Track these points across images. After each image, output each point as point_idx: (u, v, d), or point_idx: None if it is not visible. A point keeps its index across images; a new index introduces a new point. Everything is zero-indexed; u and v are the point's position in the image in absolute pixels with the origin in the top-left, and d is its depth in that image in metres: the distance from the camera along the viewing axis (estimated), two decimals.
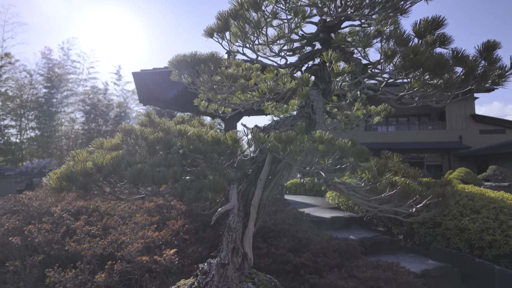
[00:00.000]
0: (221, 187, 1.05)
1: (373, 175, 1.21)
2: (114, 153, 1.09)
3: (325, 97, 1.67)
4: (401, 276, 2.57)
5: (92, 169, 1.05)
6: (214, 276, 1.80)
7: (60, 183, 1.02)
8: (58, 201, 4.27)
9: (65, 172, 1.04)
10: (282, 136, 1.18)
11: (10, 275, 2.81)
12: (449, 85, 1.12)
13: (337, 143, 1.11)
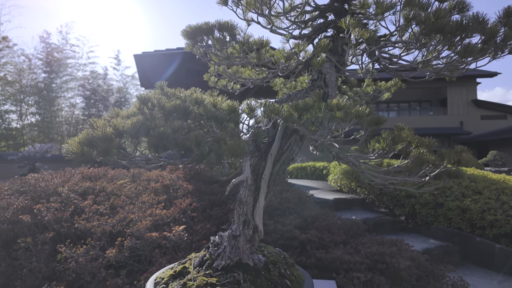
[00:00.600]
0: (241, 151, 1.06)
1: (388, 144, 1.22)
2: (134, 119, 1.10)
3: (337, 70, 1.66)
4: (406, 251, 2.62)
5: (113, 134, 1.06)
6: (226, 248, 1.84)
7: (82, 148, 1.03)
8: (64, 182, 4.31)
9: (85, 137, 1.05)
10: (299, 103, 1.18)
11: (22, 252, 2.87)
12: (469, 50, 1.11)
13: (354, 110, 1.12)
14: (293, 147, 1.82)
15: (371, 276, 2.27)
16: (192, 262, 1.98)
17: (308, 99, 1.22)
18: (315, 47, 1.41)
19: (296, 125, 1.25)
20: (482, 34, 1.15)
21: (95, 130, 1.07)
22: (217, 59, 1.57)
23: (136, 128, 1.05)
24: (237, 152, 1.04)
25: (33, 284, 2.61)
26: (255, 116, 1.35)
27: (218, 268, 1.80)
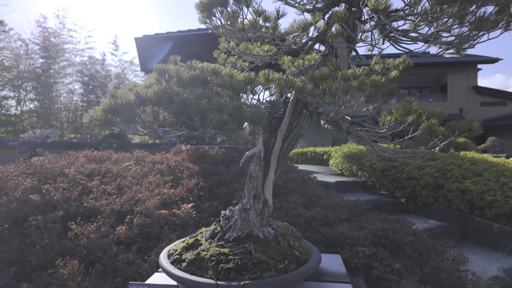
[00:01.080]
0: (261, 117, 1.08)
1: (401, 115, 1.26)
2: (155, 87, 1.12)
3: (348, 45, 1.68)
4: (408, 228, 2.70)
5: (136, 102, 1.08)
6: (237, 220, 1.90)
7: (106, 115, 1.06)
8: (70, 164, 4.35)
9: (109, 105, 1.07)
10: (316, 73, 1.21)
11: (33, 229, 2.93)
12: (484, 20, 1.13)
13: (370, 80, 1.15)
14: (303, 123, 1.86)
15: (375, 250, 2.34)
16: (203, 235, 2.04)
17: (324, 68, 1.24)
18: (331, 17, 1.42)
19: (310, 97, 1.27)
20: (496, 4, 1.16)
21: (116, 99, 1.10)
22: (229, 33, 1.58)
23: (158, 95, 1.08)
24: (258, 119, 1.07)
25: (46, 259, 2.69)
26: (270, 88, 1.38)
27: (229, 239, 1.86)
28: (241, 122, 1.06)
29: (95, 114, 1.07)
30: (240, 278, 1.61)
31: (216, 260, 1.70)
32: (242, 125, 1.07)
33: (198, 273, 1.67)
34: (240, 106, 1.08)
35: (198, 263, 1.72)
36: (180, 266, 1.74)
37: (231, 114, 1.07)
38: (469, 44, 1.37)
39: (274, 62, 2.09)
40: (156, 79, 1.30)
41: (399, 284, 2.10)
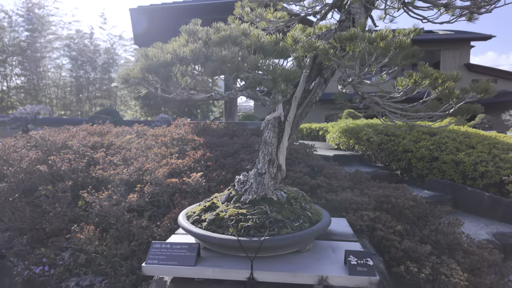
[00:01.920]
0: (295, 76, 1.13)
1: (421, 77, 1.32)
2: (191, 46, 1.15)
3: (366, 10, 1.71)
4: (408, 194, 2.84)
5: (174, 60, 1.11)
6: (252, 184, 1.99)
7: (143, 74, 1.09)
8: (71, 137, 4.35)
9: (146, 64, 1.10)
10: (343, 34, 1.25)
11: (44, 199, 2.99)
12: None
13: (396, 40, 1.19)
14: (317, 90, 1.91)
15: (379, 214, 2.48)
16: (218, 199, 2.13)
17: (352, 29, 1.27)
18: None
19: (334, 60, 1.32)
20: None
21: (152, 59, 1.12)
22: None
23: (195, 54, 1.11)
24: (292, 77, 1.12)
25: (60, 226, 2.76)
26: (296, 50, 1.41)
27: (245, 201, 1.96)
28: (275, 80, 1.10)
29: (132, 72, 1.10)
30: (259, 234, 1.71)
31: (236, 219, 1.80)
32: (276, 83, 1.11)
33: (219, 231, 1.77)
34: (275, 65, 1.12)
35: (218, 222, 1.81)
36: (201, 225, 1.84)
37: (266, 72, 1.11)
38: (485, 9, 1.42)
39: (287, 29, 2.10)
40: (185, 40, 1.32)
41: (401, 243, 2.25)
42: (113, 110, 19.32)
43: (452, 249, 2.41)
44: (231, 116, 8.23)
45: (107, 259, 2.51)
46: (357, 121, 6.98)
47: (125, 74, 1.14)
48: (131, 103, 25.30)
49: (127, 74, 1.11)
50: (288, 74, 1.11)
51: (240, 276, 1.66)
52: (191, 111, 26.76)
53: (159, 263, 1.72)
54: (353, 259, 1.66)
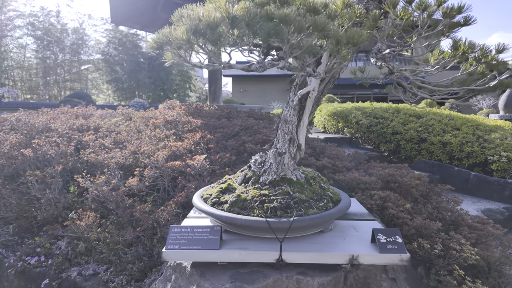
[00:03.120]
0: (361, 38, 1.04)
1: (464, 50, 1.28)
2: (242, 3, 1.01)
3: None
4: (412, 173, 2.89)
5: (225, 20, 0.98)
6: (271, 164, 1.91)
7: (188, 36, 0.96)
8: (52, 119, 4.05)
9: (191, 24, 0.96)
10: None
11: (32, 185, 2.76)
12: None
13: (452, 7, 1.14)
14: (340, 66, 1.84)
15: (388, 192, 2.50)
16: (233, 181, 2.05)
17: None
18: None
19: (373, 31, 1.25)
20: None
21: (192, 20, 0.99)
22: None
23: (250, 14, 0.98)
24: (357, 40, 1.03)
25: (53, 214, 2.57)
26: (344, 16, 1.32)
27: (265, 182, 1.88)
28: (340, 43, 1.00)
29: (177, 33, 0.96)
30: (286, 215, 1.65)
31: (259, 200, 1.72)
32: (341, 45, 1.01)
33: (243, 213, 1.69)
34: (337, 27, 1.01)
35: (241, 204, 1.73)
36: (222, 207, 1.75)
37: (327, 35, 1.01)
38: None
39: None
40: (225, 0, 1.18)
41: (412, 221, 2.28)
42: (85, 94, 18.35)
43: (457, 225, 2.48)
44: (215, 99, 8.03)
45: (109, 246, 2.37)
46: (344, 105, 7.03)
47: (163, 36, 0.99)
48: (103, 86, 24.17)
49: (167, 37, 0.97)
50: (354, 36, 1.01)
51: (268, 258, 1.60)
52: (166, 95, 26.00)
53: (181, 247, 1.63)
54: (382, 237, 1.65)
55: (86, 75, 23.26)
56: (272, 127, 3.48)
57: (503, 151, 4.21)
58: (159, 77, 24.24)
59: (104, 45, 22.72)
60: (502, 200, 3.94)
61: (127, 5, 7.33)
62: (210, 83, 8.06)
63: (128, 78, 23.11)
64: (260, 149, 2.92)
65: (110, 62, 22.85)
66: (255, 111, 4.55)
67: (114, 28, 22.74)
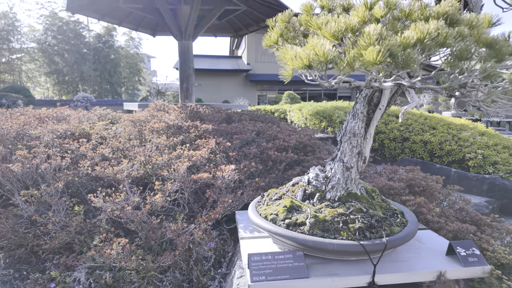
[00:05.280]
0: None
1: None
2: (432, 23, 0.87)
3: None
4: (427, 176, 3.02)
5: (419, 42, 0.85)
6: (339, 179, 1.83)
7: (383, 58, 0.81)
8: (25, 124, 3.48)
9: (387, 46, 0.82)
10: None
11: (26, 207, 2.31)
12: None
13: None
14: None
15: (421, 198, 2.57)
16: (289, 196, 1.93)
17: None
18: None
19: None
20: None
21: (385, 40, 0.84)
22: None
23: (448, 34, 0.85)
24: None
25: (63, 240, 2.19)
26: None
27: (334, 199, 1.80)
28: (502, 54, 0.93)
29: (370, 55, 0.79)
30: (373, 235, 1.59)
31: (341, 220, 1.64)
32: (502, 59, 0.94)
33: (326, 235, 1.59)
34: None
35: (321, 225, 1.63)
36: (302, 230, 1.63)
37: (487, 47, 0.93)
38: None
39: None
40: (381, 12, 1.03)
41: (448, 224, 2.37)
42: (22, 88, 16.29)
43: (478, 225, 2.64)
44: (188, 97, 7.64)
45: (140, 274, 2.10)
46: (322, 104, 7.17)
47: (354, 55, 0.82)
48: (40, 79, 21.69)
49: (365, 54, 0.81)
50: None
51: (359, 282, 1.53)
52: (114, 89, 24.30)
53: (268, 278, 1.48)
54: (462, 250, 1.67)
55: (19, 66, 20.65)
56: (284, 131, 3.38)
57: (478, 149, 4.63)
58: (105, 69, 22.52)
59: (41, 33, 20.35)
60: (481, 194, 4.34)
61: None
62: (181, 80, 7.64)
63: (71, 70, 21.07)
64: (285, 156, 2.81)
65: (48, 52, 20.58)
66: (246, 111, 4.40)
67: (51, 14, 20.49)
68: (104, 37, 22.55)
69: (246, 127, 3.24)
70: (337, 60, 0.92)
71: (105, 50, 22.58)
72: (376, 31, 0.86)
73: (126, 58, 24.17)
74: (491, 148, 4.73)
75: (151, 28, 9.29)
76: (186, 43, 7.54)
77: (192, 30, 7.40)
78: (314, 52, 0.91)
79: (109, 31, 22.53)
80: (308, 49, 0.94)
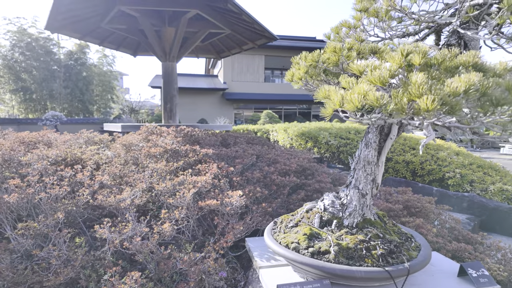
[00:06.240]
0: None
1: None
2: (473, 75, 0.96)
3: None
4: (419, 197, 3.17)
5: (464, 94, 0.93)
6: (356, 206, 1.90)
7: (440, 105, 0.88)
8: (11, 149, 3.30)
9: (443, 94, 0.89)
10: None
11: (23, 240, 2.16)
12: None
13: None
14: None
15: (420, 220, 2.70)
16: (305, 223, 1.97)
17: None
18: None
19: None
20: None
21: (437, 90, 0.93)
22: None
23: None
24: None
25: (67, 275, 2.07)
26: None
27: (352, 225, 1.86)
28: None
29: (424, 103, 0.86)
30: (394, 261, 1.66)
31: (364, 247, 1.69)
32: None
33: (351, 263, 1.64)
34: None
35: (345, 252, 1.68)
36: (327, 258, 1.66)
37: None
38: None
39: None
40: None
41: (447, 245, 2.50)
42: None
43: (470, 243, 2.80)
44: (172, 117, 7.56)
45: None
46: (305, 124, 7.36)
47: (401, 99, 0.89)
48: (4, 96, 20.57)
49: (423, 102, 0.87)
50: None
51: None
52: (86, 107, 23.50)
53: None
54: (473, 271, 1.77)
55: None
56: (282, 155, 3.44)
57: (456, 169, 4.94)
58: (77, 87, 21.79)
59: (7, 49, 19.45)
60: (462, 211, 4.59)
61: (70, 12, 6.47)
62: (165, 100, 7.58)
63: (39, 88, 20.17)
64: (288, 181, 2.86)
65: (15, 69, 19.66)
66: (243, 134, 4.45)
67: (20, 29, 19.73)
68: (76, 54, 21.96)
69: (246, 151, 3.27)
70: (387, 105, 1.01)
71: (77, 68, 21.92)
72: (422, 80, 0.96)
73: (99, 76, 23.58)
74: (467, 167, 5.05)
75: (132, 48, 9.22)
76: (170, 64, 7.54)
77: (176, 52, 7.42)
78: (364, 97, 0.99)
79: (82, 48, 21.99)
80: (355, 93, 1.02)
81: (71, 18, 6.74)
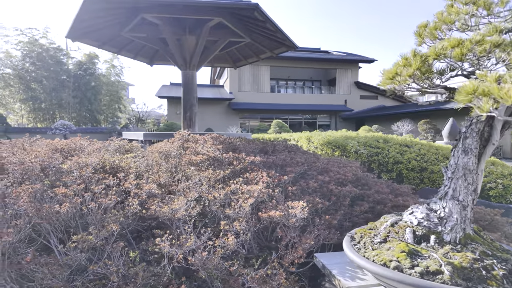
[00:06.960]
0: None
1: None
2: None
3: None
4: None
5: None
6: (457, 220, 1.70)
7: None
8: (48, 157, 3.13)
9: None
10: None
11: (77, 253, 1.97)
12: None
13: None
14: None
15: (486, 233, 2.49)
16: (394, 238, 1.77)
17: None
18: None
19: None
20: None
21: None
22: None
23: None
24: None
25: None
26: None
27: (455, 241, 1.67)
28: None
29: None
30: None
31: (481, 267, 1.49)
32: None
33: (470, 285, 1.43)
34: None
35: (460, 273, 1.47)
36: (441, 279, 1.46)
37: None
38: None
39: None
40: None
41: None
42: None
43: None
44: (191, 126, 7.42)
45: None
46: (329, 133, 7.19)
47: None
48: (14, 106, 20.59)
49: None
50: None
51: None
52: (94, 116, 23.50)
53: None
54: None
55: None
56: (333, 163, 3.25)
57: (498, 179, 4.73)
58: (85, 96, 21.83)
59: (18, 59, 19.55)
60: None
61: (92, 20, 6.40)
62: (184, 109, 7.45)
63: (48, 97, 20.20)
64: (348, 191, 2.67)
65: (25, 78, 19.73)
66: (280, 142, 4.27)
67: (31, 40, 19.88)
68: (86, 64, 22.06)
69: (294, 159, 3.09)
70: None
71: (86, 78, 22.00)
72: None
73: (107, 86, 23.65)
74: (508, 178, 4.84)
75: (149, 57, 9.15)
76: (190, 73, 7.43)
77: (197, 60, 7.32)
78: None
79: (91, 58, 22.12)
80: None
81: (92, 26, 6.67)
